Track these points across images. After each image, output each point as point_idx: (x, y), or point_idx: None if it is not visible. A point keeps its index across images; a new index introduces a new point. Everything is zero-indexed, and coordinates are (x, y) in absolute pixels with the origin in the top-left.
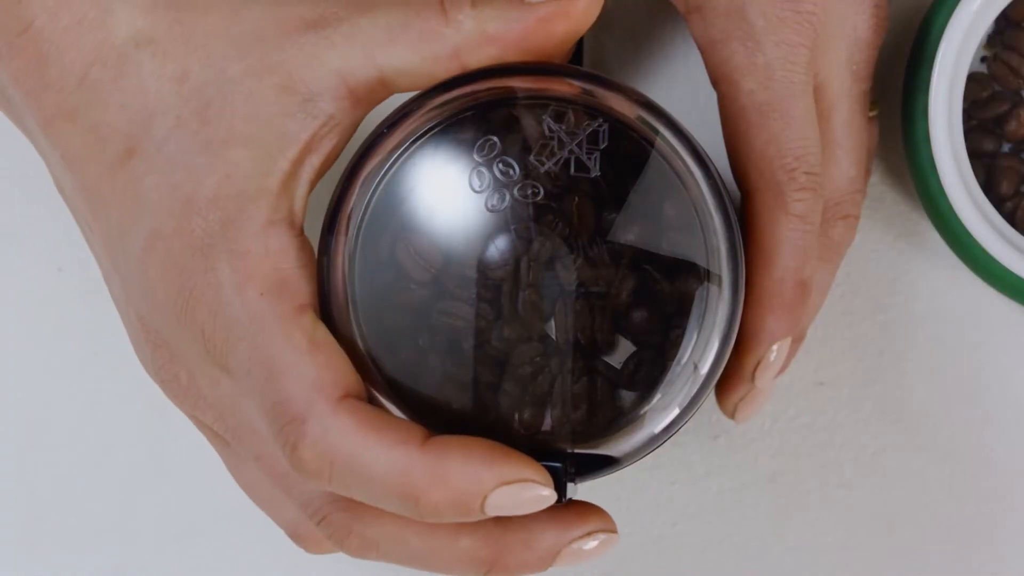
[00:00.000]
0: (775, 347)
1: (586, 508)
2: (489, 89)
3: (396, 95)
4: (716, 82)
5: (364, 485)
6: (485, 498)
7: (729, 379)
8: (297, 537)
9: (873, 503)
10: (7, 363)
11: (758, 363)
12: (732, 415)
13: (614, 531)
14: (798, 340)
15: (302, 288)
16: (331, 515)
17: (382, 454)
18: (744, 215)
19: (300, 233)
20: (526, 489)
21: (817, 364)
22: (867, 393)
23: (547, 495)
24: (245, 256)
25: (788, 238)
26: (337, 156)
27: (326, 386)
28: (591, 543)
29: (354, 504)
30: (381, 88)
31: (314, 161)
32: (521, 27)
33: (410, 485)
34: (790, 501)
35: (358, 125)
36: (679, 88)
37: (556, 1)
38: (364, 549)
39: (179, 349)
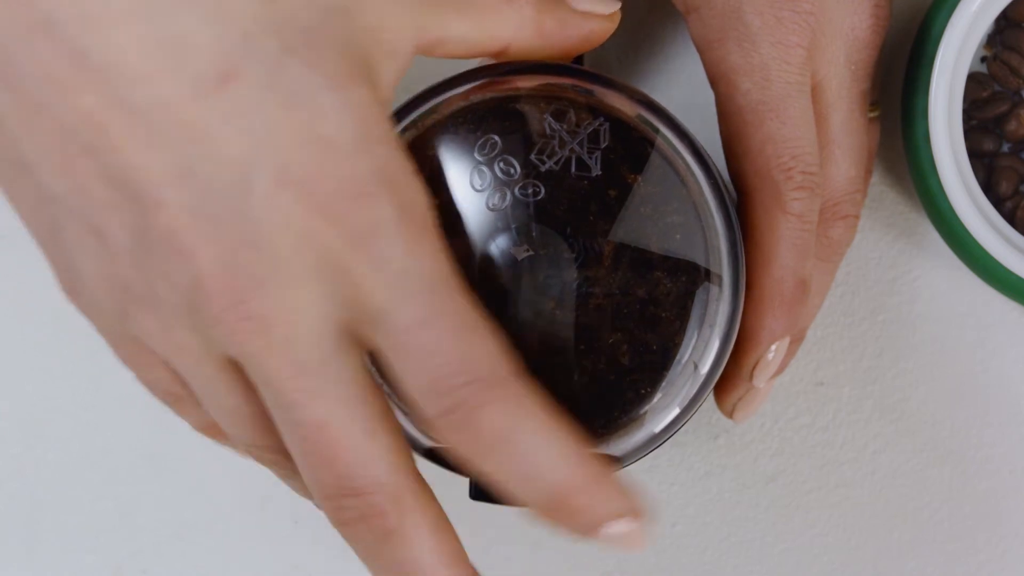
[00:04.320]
0: (773, 347)
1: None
2: (490, 88)
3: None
4: (713, 82)
5: (536, 459)
6: (612, 522)
7: (727, 379)
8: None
9: (873, 503)
10: (7, 363)
11: (756, 363)
12: (730, 415)
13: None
14: (797, 340)
15: None
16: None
17: (570, 439)
18: (742, 215)
19: None
20: (642, 533)
21: (817, 364)
22: (867, 393)
23: (644, 544)
24: (414, 211)
25: (786, 237)
26: None
27: (508, 355)
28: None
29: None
30: (429, 51)
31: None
32: (573, 33)
33: (572, 464)
34: (790, 501)
35: None
36: (679, 88)
37: (601, 16)
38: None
39: (295, 298)
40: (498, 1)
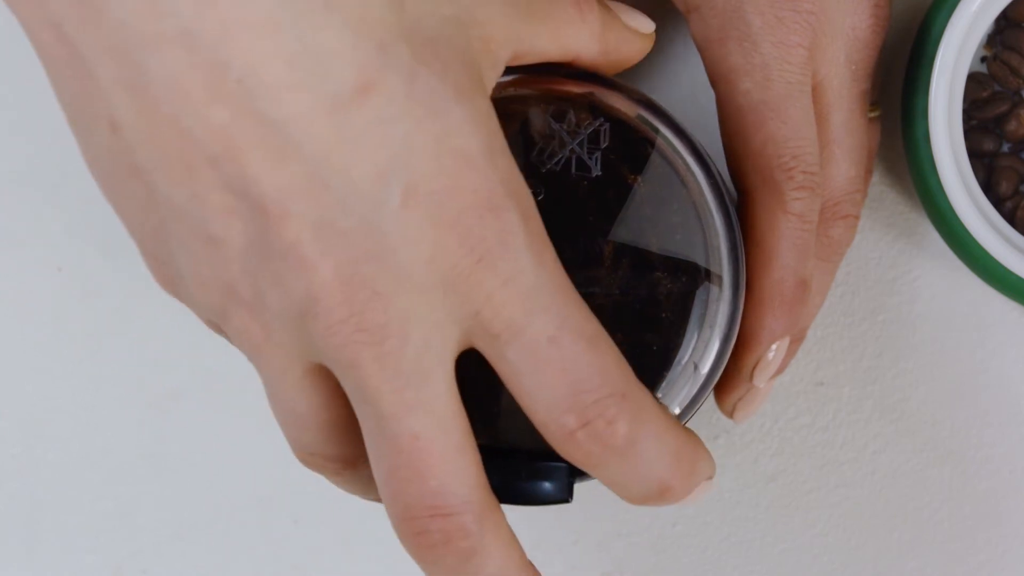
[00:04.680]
0: (774, 347)
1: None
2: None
3: None
4: (714, 82)
5: (652, 460)
6: (694, 488)
7: (728, 379)
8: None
9: (873, 503)
10: (7, 363)
11: (757, 363)
12: (731, 415)
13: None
14: (798, 340)
15: None
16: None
17: (680, 433)
18: (742, 215)
19: None
20: (710, 489)
21: (817, 364)
22: (867, 393)
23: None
24: (536, 222)
25: (787, 237)
26: None
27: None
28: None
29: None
30: (514, 62)
31: None
32: (625, 48)
33: (679, 458)
34: (790, 501)
35: None
36: (679, 88)
37: (644, 35)
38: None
39: (412, 312)
40: (573, 16)
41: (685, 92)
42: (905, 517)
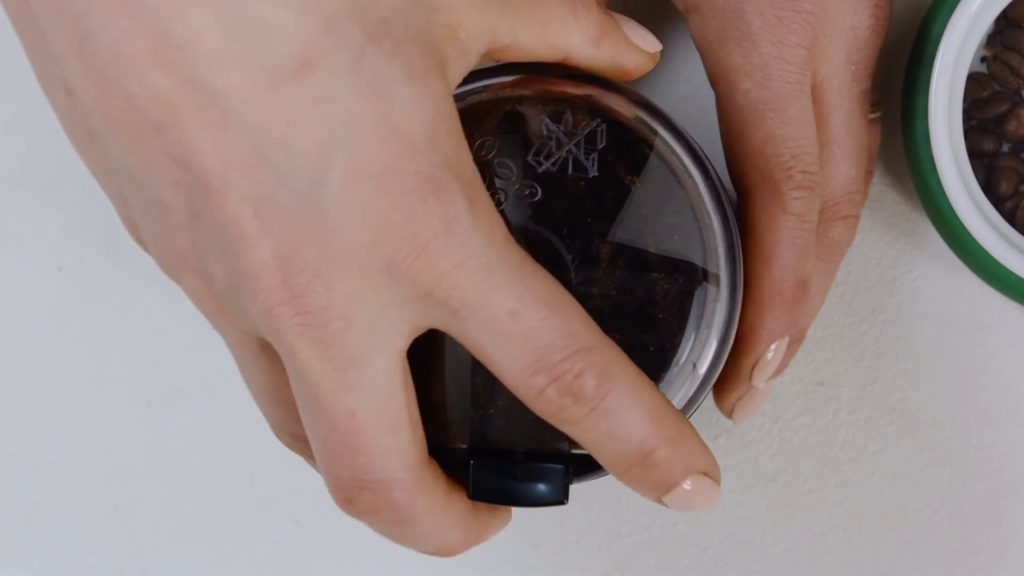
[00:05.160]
0: (773, 347)
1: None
2: (487, 89)
3: None
4: (714, 82)
5: (627, 416)
6: (687, 479)
7: (727, 379)
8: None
9: (873, 503)
10: (7, 363)
11: (756, 363)
12: (730, 415)
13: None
14: (797, 341)
15: None
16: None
17: (658, 396)
18: (742, 214)
19: None
20: (714, 490)
21: (817, 364)
22: (867, 393)
23: (715, 503)
24: (483, 202)
25: (786, 236)
26: None
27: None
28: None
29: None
30: (493, 55)
31: None
32: (622, 60)
33: (660, 421)
34: (790, 501)
35: None
36: (679, 88)
37: (646, 53)
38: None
39: (355, 295)
40: (564, 15)
41: (685, 92)
42: (905, 517)
